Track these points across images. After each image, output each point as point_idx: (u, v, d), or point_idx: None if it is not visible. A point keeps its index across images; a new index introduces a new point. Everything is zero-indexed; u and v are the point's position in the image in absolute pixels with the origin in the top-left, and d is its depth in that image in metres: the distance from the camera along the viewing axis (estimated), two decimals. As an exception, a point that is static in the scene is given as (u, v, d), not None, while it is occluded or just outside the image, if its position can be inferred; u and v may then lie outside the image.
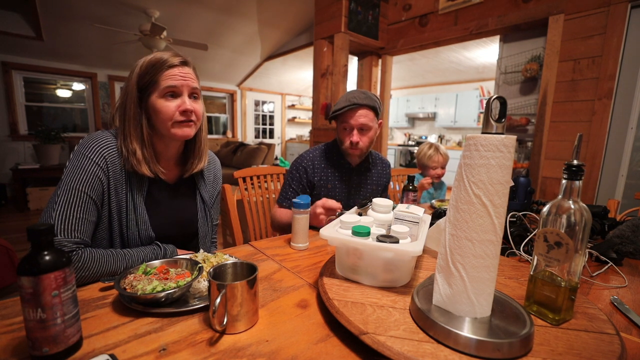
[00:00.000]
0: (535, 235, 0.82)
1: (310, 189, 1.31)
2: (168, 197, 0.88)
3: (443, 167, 1.95)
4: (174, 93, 0.78)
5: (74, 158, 0.75)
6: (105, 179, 0.76)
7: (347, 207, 1.34)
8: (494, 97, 0.48)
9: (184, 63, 0.80)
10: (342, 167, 1.33)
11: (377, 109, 1.23)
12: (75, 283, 0.46)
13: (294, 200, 0.90)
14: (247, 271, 0.57)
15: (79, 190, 0.72)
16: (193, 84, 0.80)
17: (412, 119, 7.03)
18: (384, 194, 1.48)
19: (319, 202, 1.05)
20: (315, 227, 1.03)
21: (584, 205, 0.52)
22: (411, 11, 2.91)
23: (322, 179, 1.30)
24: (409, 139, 7.00)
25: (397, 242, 0.60)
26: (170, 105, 0.77)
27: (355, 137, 1.21)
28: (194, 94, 0.82)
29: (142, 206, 0.81)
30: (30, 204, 4.00)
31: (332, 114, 1.26)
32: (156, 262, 0.66)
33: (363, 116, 1.20)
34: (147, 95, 0.78)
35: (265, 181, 1.60)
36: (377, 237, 0.61)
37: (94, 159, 0.74)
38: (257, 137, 7.00)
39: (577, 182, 0.51)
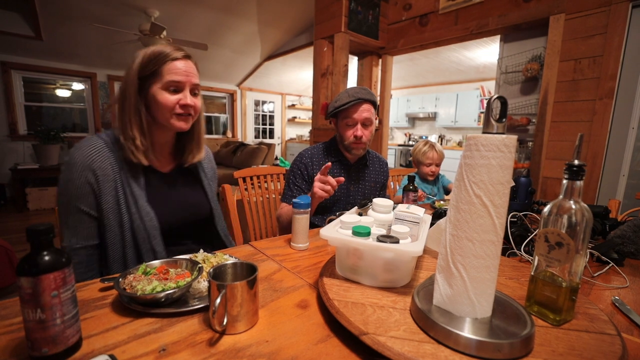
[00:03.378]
0: (536, 235, 0.82)
1: (312, 184, 1.32)
2: (166, 186, 0.90)
3: (438, 165, 1.92)
4: (176, 88, 0.81)
5: (62, 172, 0.78)
6: (95, 180, 0.78)
7: (345, 203, 1.35)
8: (495, 97, 0.48)
9: (187, 57, 0.82)
10: (341, 164, 1.35)
11: (376, 104, 1.28)
12: (75, 283, 0.46)
13: (293, 200, 0.90)
14: (247, 271, 0.56)
15: (71, 204, 0.77)
16: (195, 80, 0.83)
17: (413, 119, 7.03)
18: (382, 192, 1.48)
19: (315, 179, 1.10)
20: (315, 227, 1.03)
21: (585, 205, 0.51)
22: (411, 11, 2.91)
23: None
24: (409, 139, 6.99)
25: (398, 242, 0.60)
26: (171, 99, 0.81)
27: (360, 131, 1.24)
28: (194, 90, 0.85)
29: (143, 198, 0.82)
30: (30, 204, 4.00)
31: (335, 109, 1.25)
32: (156, 262, 0.66)
33: (366, 111, 1.24)
34: (148, 85, 0.80)
35: (265, 181, 1.59)
36: (377, 237, 0.61)
37: (80, 165, 0.77)
38: (257, 137, 7.00)
39: (578, 182, 0.51)
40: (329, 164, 1.08)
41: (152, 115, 0.83)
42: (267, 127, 7.17)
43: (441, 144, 6.44)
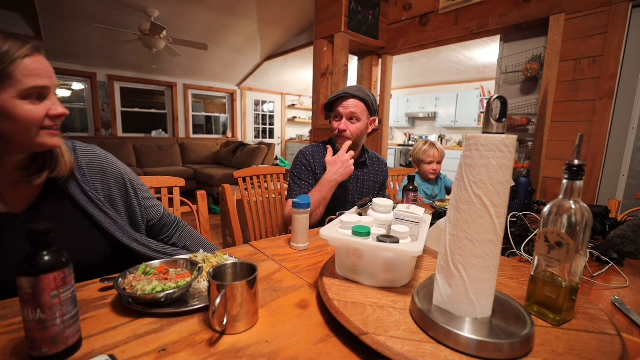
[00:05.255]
0: (536, 235, 0.82)
1: (317, 178, 1.33)
2: (17, 235, 0.63)
3: (439, 163, 1.90)
4: (40, 94, 0.59)
5: None
6: None
7: (344, 201, 1.35)
8: (495, 96, 0.48)
9: (38, 50, 0.59)
10: None
11: (369, 104, 1.27)
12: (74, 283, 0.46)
13: (293, 200, 0.90)
14: (247, 271, 0.56)
15: None
16: (56, 79, 0.62)
17: (413, 119, 7.02)
18: (382, 192, 1.48)
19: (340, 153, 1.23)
20: (315, 227, 1.03)
21: (585, 205, 0.51)
22: (411, 11, 2.91)
23: (322, 172, 1.31)
24: (409, 139, 6.99)
25: (398, 242, 0.60)
26: (36, 110, 0.58)
27: (343, 124, 1.26)
28: (56, 92, 0.63)
29: None
30: (31, 203, 4.00)
31: (326, 103, 1.32)
32: (156, 263, 0.66)
33: (352, 106, 1.25)
34: None
35: (265, 181, 1.59)
36: (377, 237, 0.61)
37: None
38: (257, 137, 6.99)
39: (578, 182, 0.51)
40: (349, 142, 1.24)
41: (1, 136, 0.58)
42: (267, 127, 7.17)
43: (441, 143, 6.44)
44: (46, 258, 0.42)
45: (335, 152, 1.29)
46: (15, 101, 0.56)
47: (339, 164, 1.22)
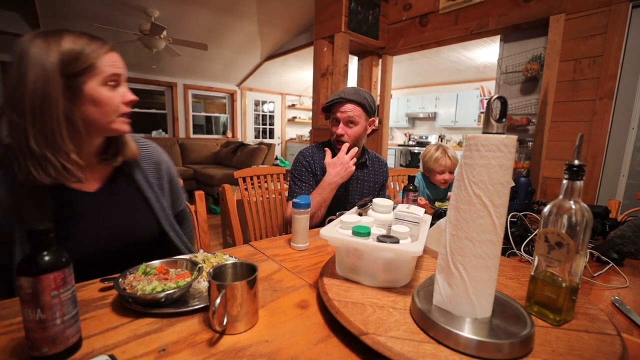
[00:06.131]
0: (536, 235, 0.82)
1: (317, 179, 1.33)
2: (92, 212, 0.73)
3: (451, 172, 1.76)
4: (117, 82, 0.70)
5: None
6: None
7: (345, 202, 1.35)
8: (495, 97, 0.48)
9: (114, 49, 0.71)
10: None
11: (366, 106, 1.27)
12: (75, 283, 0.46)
13: (293, 200, 0.90)
14: (247, 271, 0.56)
15: None
16: (126, 73, 0.73)
17: (413, 119, 7.02)
18: (382, 192, 1.48)
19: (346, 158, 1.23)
20: (315, 227, 1.03)
21: (585, 205, 0.51)
22: (411, 11, 2.91)
23: (322, 173, 1.31)
24: (409, 139, 6.99)
25: (398, 242, 0.60)
26: (114, 96, 0.68)
27: (340, 129, 1.27)
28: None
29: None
30: (31, 203, 4.00)
31: (323, 107, 1.33)
32: (156, 262, 0.66)
33: (349, 110, 1.25)
34: (78, 83, 0.64)
35: (265, 181, 1.59)
36: (377, 237, 0.61)
37: None
38: (257, 137, 6.99)
39: (578, 182, 0.51)
40: (347, 143, 1.24)
41: (84, 120, 0.67)
42: (267, 127, 7.16)
43: (441, 144, 6.43)
44: (46, 258, 0.42)
45: (334, 156, 1.29)
46: (99, 88, 0.67)
47: (339, 166, 1.22)
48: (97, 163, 0.75)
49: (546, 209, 0.54)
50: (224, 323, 0.50)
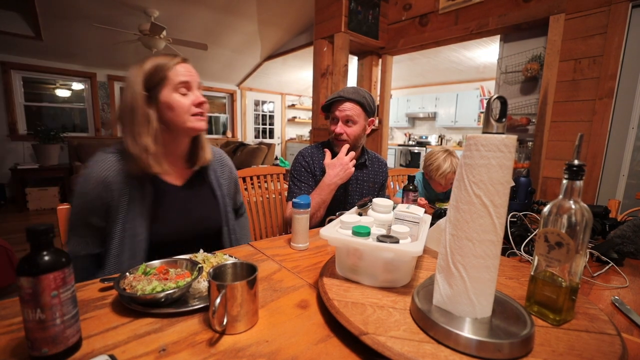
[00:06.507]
0: (535, 235, 0.82)
1: (317, 179, 1.33)
2: (176, 201, 0.89)
3: (452, 183, 1.73)
4: (186, 88, 0.83)
5: (78, 184, 0.81)
6: (106, 194, 0.80)
7: (344, 202, 1.35)
8: (495, 96, 0.48)
9: (185, 60, 0.86)
10: None
11: (366, 106, 1.26)
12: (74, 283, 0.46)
13: (293, 200, 0.90)
14: (247, 271, 0.56)
15: (82, 216, 0.81)
16: (198, 79, 0.87)
17: (413, 119, 7.02)
18: (381, 192, 1.48)
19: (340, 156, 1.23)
20: (315, 227, 1.03)
21: (585, 205, 0.51)
22: (411, 11, 2.91)
23: (321, 173, 1.31)
24: (409, 139, 6.99)
25: (398, 242, 0.60)
26: (184, 100, 0.83)
27: (339, 128, 1.26)
28: (201, 90, 0.88)
29: (143, 214, 0.82)
30: (30, 204, 4.00)
31: (322, 106, 1.33)
32: (156, 263, 0.66)
33: (348, 109, 1.25)
34: (156, 93, 0.81)
35: (265, 181, 1.59)
36: (377, 237, 0.61)
37: (94, 180, 0.79)
38: (257, 137, 6.99)
39: (578, 182, 0.51)
40: (347, 145, 1.24)
41: (166, 123, 0.84)
42: (267, 127, 7.16)
43: (441, 144, 6.44)
44: (46, 258, 0.42)
45: (333, 156, 1.29)
46: (172, 94, 0.81)
47: (339, 167, 1.22)
48: (183, 166, 0.94)
49: (546, 209, 0.54)
50: (224, 323, 0.50)
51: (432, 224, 0.84)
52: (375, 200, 0.78)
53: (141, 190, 0.83)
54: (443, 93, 6.17)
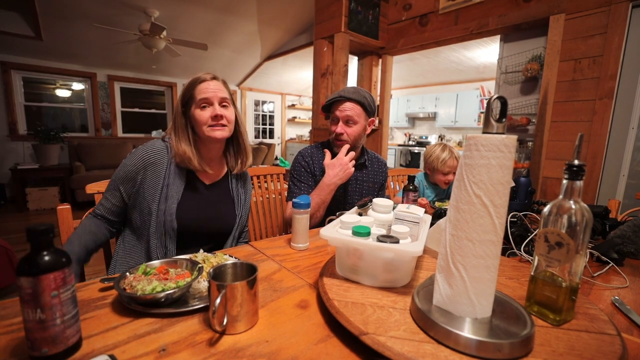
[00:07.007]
0: (536, 235, 0.82)
1: (316, 180, 1.32)
2: (202, 197, 1.02)
3: (454, 173, 1.69)
4: (206, 104, 0.95)
5: (127, 157, 0.96)
6: (143, 173, 0.93)
7: (344, 202, 1.35)
8: (495, 96, 0.48)
9: (214, 78, 0.98)
10: None
11: (366, 106, 1.26)
12: (75, 283, 0.46)
13: (293, 200, 0.90)
14: (247, 271, 0.56)
15: (116, 181, 0.96)
16: (221, 94, 0.96)
17: (413, 119, 7.02)
18: (381, 193, 1.48)
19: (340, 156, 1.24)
20: (315, 227, 1.03)
21: (585, 205, 0.51)
22: (411, 11, 2.91)
23: (321, 174, 1.31)
24: (409, 139, 6.99)
25: (398, 242, 0.60)
26: (204, 114, 0.95)
27: (340, 128, 1.26)
28: (223, 103, 0.97)
29: (176, 200, 0.94)
30: (30, 204, 4.00)
31: (323, 106, 1.32)
32: (156, 263, 0.66)
33: (348, 109, 1.24)
34: (188, 108, 0.97)
35: (265, 181, 1.59)
36: (377, 237, 0.61)
37: (139, 157, 0.94)
38: (257, 137, 6.99)
39: (578, 182, 0.51)
40: (347, 145, 1.24)
41: (196, 133, 0.98)
42: (267, 127, 7.16)
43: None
44: (46, 258, 0.42)
45: (333, 156, 1.29)
46: (196, 110, 0.96)
47: (338, 167, 1.22)
48: (216, 169, 1.06)
49: (546, 209, 0.54)
50: (224, 323, 0.50)
51: (432, 224, 0.84)
52: (375, 200, 0.78)
53: (177, 179, 0.97)
54: (443, 93, 6.17)
